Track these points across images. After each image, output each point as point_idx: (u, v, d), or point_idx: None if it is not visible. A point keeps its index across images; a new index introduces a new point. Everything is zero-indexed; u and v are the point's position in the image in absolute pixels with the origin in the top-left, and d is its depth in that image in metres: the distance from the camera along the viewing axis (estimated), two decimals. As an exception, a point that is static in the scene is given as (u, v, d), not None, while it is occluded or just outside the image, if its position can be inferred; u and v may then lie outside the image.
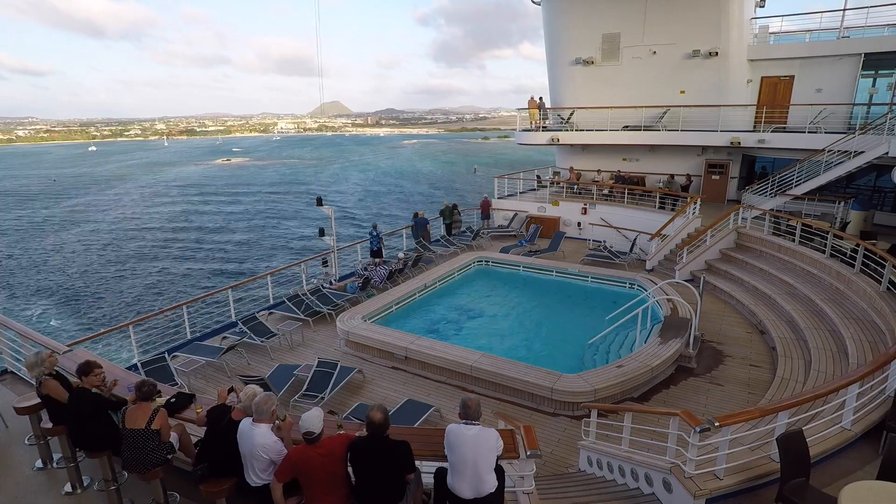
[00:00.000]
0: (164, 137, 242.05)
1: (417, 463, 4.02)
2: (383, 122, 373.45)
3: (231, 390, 4.73)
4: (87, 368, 4.81)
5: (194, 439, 5.02)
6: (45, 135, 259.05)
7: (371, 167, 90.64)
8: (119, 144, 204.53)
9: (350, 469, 3.90)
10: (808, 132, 16.14)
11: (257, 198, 58.96)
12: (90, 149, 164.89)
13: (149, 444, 4.39)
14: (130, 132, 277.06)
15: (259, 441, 3.91)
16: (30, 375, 5.27)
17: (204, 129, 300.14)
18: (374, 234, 15.87)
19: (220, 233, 40.81)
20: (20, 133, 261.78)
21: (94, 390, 4.85)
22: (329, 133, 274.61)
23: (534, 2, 21.86)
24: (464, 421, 4.04)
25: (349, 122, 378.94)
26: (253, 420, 4.00)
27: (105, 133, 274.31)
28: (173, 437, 4.70)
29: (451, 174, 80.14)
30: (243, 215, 48.38)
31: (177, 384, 8.49)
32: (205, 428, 4.44)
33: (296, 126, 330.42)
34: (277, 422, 4.26)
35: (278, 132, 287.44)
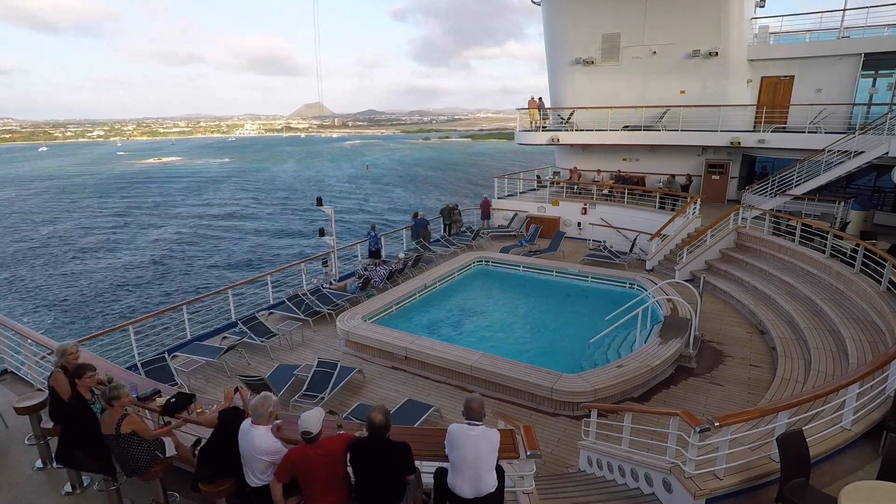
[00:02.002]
0: (118, 139, 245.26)
1: (417, 463, 4.02)
2: (350, 123, 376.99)
3: (237, 390, 4.72)
4: (80, 371, 4.75)
5: (192, 439, 5.01)
6: (8, 136, 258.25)
7: (262, 173, 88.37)
8: (70, 146, 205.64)
9: (350, 469, 3.90)
10: (808, 132, 16.14)
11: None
12: (41, 150, 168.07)
13: (123, 447, 4.33)
14: (93, 133, 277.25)
15: (257, 444, 3.90)
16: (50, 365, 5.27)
17: (168, 130, 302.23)
18: (373, 234, 15.86)
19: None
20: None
21: (95, 389, 4.83)
22: (285, 134, 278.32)
23: (534, 2, 21.87)
24: (467, 421, 4.04)
25: (316, 123, 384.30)
26: (252, 422, 4.00)
27: (68, 134, 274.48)
28: (167, 443, 4.64)
29: (341, 179, 77.96)
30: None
31: (177, 384, 8.50)
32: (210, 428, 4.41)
33: (258, 127, 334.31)
34: (278, 422, 4.26)
35: (239, 134, 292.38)
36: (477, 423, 4.01)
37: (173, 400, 5.04)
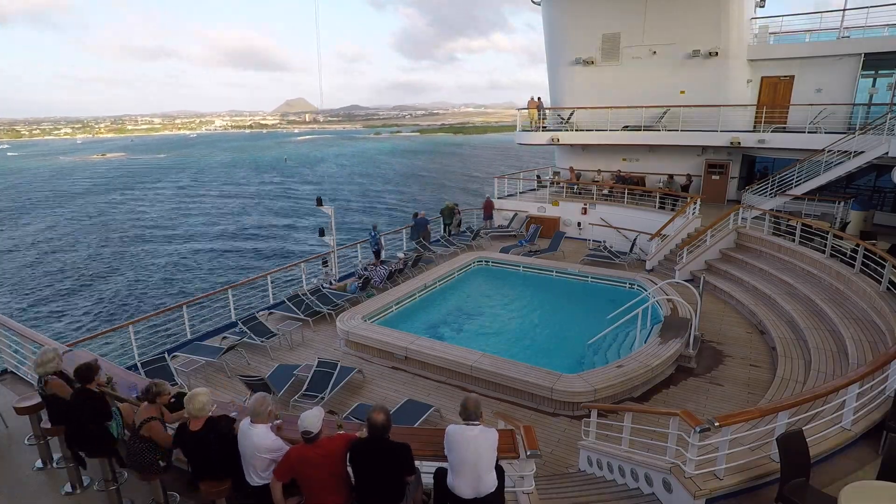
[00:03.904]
0: (79, 136, 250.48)
1: (417, 463, 4.02)
2: (321, 119, 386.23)
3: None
4: (88, 374, 4.71)
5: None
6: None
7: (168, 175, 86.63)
8: (32, 143, 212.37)
9: (350, 469, 3.89)
10: (808, 132, 16.15)
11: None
12: (0, 147, 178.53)
13: (136, 445, 4.37)
14: (61, 131, 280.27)
15: (257, 441, 3.90)
16: (34, 373, 5.23)
17: (136, 127, 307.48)
18: (374, 234, 15.87)
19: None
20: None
21: (98, 390, 4.83)
22: (248, 131, 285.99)
23: (534, 2, 21.88)
24: (464, 421, 4.04)
25: (285, 119, 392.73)
26: (251, 421, 4.00)
27: (35, 132, 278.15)
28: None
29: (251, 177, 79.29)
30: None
31: (177, 384, 8.50)
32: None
33: (227, 124, 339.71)
34: (277, 422, 4.26)
35: (205, 130, 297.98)
36: (474, 422, 4.01)
37: (173, 400, 5.03)
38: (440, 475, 4.13)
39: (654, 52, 19.36)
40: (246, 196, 59.10)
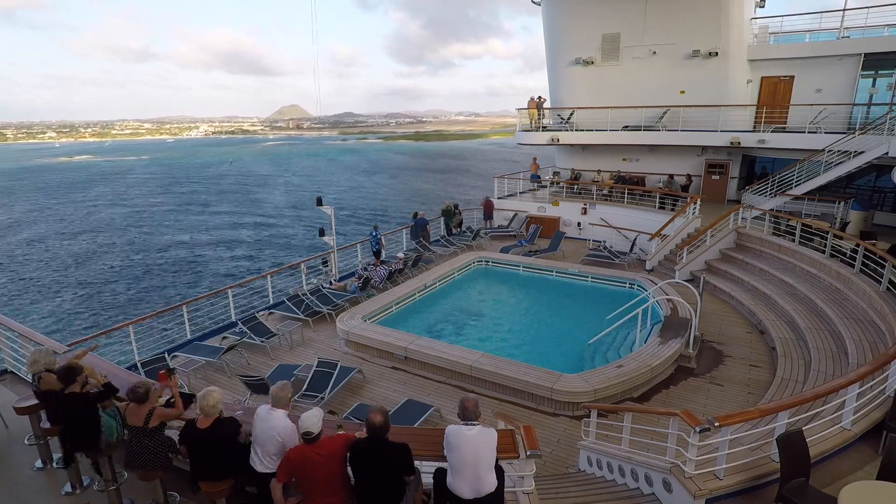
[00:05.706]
0: (55, 140, 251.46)
1: (417, 463, 4.02)
2: (305, 125, 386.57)
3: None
4: (71, 375, 4.71)
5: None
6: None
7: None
8: (11, 146, 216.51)
9: (349, 470, 3.90)
10: (808, 132, 16.15)
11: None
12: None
13: (146, 441, 4.39)
14: (45, 135, 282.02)
15: (275, 424, 4.02)
16: (30, 373, 5.24)
17: (120, 132, 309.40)
18: (374, 234, 15.87)
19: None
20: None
21: (91, 390, 4.83)
22: (224, 136, 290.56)
23: (534, 2, 21.88)
24: (463, 422, 4.04)
25: (268, 126, 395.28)
26: (272, 405, 4.12)
27: (21, 136, 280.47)
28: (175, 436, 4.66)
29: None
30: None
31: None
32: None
33: (212, 130, 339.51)
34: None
35: (186, 136, 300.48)
36: (473, 422, 4.01)
37: (173, 400, 5.04)
38: (440, 475, 4.13)
39: (654, 52, 19.37)
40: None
